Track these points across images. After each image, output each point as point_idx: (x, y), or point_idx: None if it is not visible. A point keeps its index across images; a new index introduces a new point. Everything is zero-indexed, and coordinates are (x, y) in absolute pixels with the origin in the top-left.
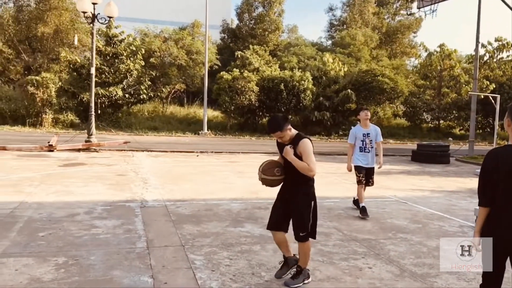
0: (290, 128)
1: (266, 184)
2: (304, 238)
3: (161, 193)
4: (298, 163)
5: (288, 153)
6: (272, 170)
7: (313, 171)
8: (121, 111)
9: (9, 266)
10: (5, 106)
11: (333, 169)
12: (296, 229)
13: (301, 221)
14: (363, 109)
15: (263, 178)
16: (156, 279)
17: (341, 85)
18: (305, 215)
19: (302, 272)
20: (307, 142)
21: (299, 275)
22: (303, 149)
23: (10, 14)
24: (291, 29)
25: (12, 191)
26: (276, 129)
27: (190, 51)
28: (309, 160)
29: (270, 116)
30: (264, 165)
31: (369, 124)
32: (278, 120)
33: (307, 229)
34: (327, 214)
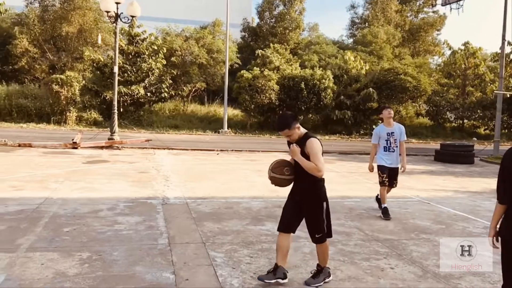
0: (299, 126)
1: (275, 183)
2: (321, 239)
3: (182, 190)
4: (306, 163)
5: (295, 152)
6: (282, 169)
7: (321, 171)
8: (143, 110)
9: (35, 261)
10: (31, 104)
11: (354, 168)
12: (312, 231)
13: (316, 223)
14: (385, 107)
15: (272, 176)
16: (177, 275)
17: (363, 83)
18: (319, 217)
19: (322, 271)
20: (314, 141)
21: (320, 274)
22: (310, 149)
23: (36, 14)
24: (312, 27)
25: (38, 187)
26: (285, 127)
27: (211, 50)
28: (317, 160)
29: (279, 114)
30: (274, 163)
31: (392, 123)
32: (287, 117)
33: (323, 231)
34: (348, 213)
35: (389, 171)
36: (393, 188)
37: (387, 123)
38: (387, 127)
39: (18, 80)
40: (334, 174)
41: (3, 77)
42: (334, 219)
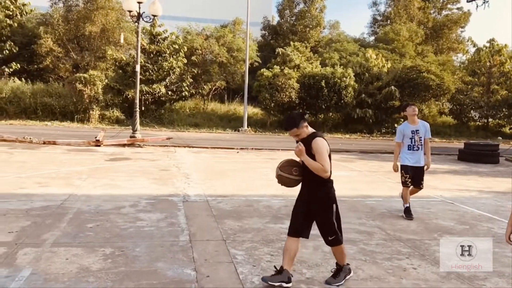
0: (307, 125)
1: (282, 182)
2: (335, 241)
3: (203, 188)
4: (311, 163)
5: (300, 152)
6: (290, 169)
7: (327, 172)
8: (164, 108)
9: (60, 255)
10: (55, 102)
11: (375, 167)
12: (324, 234)
13: (327, 226)
14: (409, 104)
15: (280, 174)
16: (198, 272)
17: (384, 81)
18: (329, 219)
19: (342, 269)
20: (320, 140)
21: (340, 273)
22: (316, 148)
23: (60, 14)
24: (333, 25)
25: (63, 183)
26: (293, 126)
27: (231, 48)
28: (323, 160)
29: (286, 114)
30: (283, 162)
31: (417, 120)
32: (294, 117)
33: (335, 233)
34: (369, 213)
35: (414, 171)
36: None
37: (411, 121)
38: (412, 125)
39: (43, 79)
40: (355, 173)
41: (28, 76)
42: (355, 218)
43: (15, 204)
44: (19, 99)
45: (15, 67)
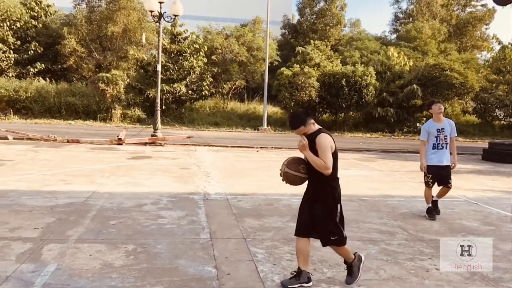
0: (314, 122)
1: (288, 179)
2: (336, 242)
3: (223, 186)
4: (314, 158)
5: (303, 147)
6: (298, 166)
7: (328, 169)
8: (184, 107)
9: (84, 251)
10: (78, 101)
11: (397, 166)
12: (326, 234)
13: (332, 226)
14: (435, 102)
15: (286, 171)
16: (219, 270)
17: (406, 80)
18: (334, 219)
19: (352, 265)
20: (324, 136)
21: (353, 269)
22: (319, 144)
23: (83, 14)
24: (354, 23)
25: (86, 181)
26: (300, 124)
27: (251, 47)
28: (324, 156)
29: (291, 113)
30: (290, 159)
31: (443, 119)
32: (300, 115)
33: (339, 233)
34: (391, 212)
35: (438, 170)
36: (440, 187)
37: (436, 119)
38: (437, 123)
39: (67, 78)
40: (377, 173)
41: (52, 76)
42: (376, 218)
43: (40, 201)
44: (43, 99)
45: (40, 67)
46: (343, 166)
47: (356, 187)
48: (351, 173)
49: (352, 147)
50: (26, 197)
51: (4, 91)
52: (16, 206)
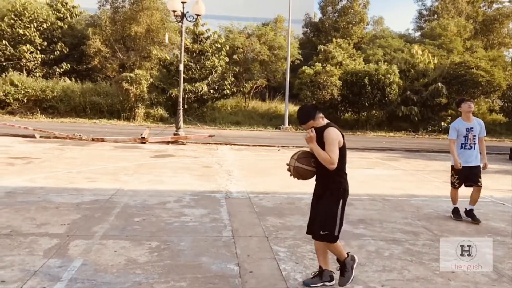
0: (323, 117)
1: (299, 173)
2: (326, 238)
3: (245, 185)
4: (319, 152)
5: (310, 139)
6: (309, 160)
7: (333, 164)
8: (206, 106)
9: (109, 248)
10: (103, 101)
11: (421, 166)
12: (318, 226)
13: (328, 219)
14: (465, 100)
15: (297, 166)
16: (241, 267)
17: (431, 78)
18: (332, 213)
19: (345, 263)
20: (332, 130)
21: (346, 268)
22: (327, 138)
23: (107, 15)
24: (377, 21)
25: (110, 179)
26: (309, 118)
27: (272, 46)
28: (330, 151)
29: (299, 107)
30: (300, 153)
31: (472, 118)
32: (309, 109)
33: (331, 229)
34: (415, 212)
35: (467, 171)
36: (468, 187)
37: (466, 118)
38: (466, 122)
39: (92, 78)
40: (400, 172)
41: (78, 75)
42: (400, 218)
43: (66, 198)
44: (69, 98)
45: (66, 67)
46: (366, 165)
47: (380, 187)
48: (375, 172)
49: (375, 146)
50: (53, 194)
51: (32, 91)
52: (43, 202)
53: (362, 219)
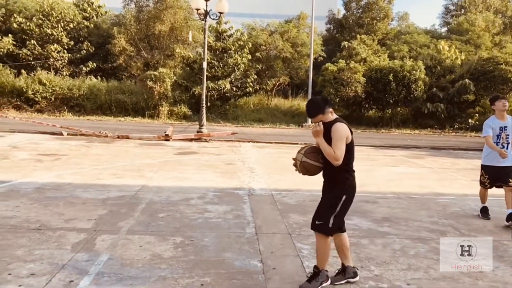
0: (332, 111)
1: (305, 168)
2: (320, 228)
3: (267, 182)
4: (325, 146)
5: (317, 133)
6: (317, 156)
7: (337, 160)
8: (229, 104)
9: (135, 242)
10: (128, 99)
11: (447, 164)
12: (315, 215)
13: (325, 210)
14: (499, 97)
15: (304, 161)
16: (265, 264)
17: (458, 74)
18: (331, 205)
19: (319, 274)
20: (341, 126)
21: (315, 278)
22: (334, 133)
23: (132, 14)
24: (402, 17)
25: (136, 175)
26: (318, 111)
27: (295, 43)
28: (336, 147)
29: (309, 100)
30: (308, 149)
31: (506, 116)
32: (318, 102)
33: (326, 220)
34: (442, 211)
35: (497, 171)
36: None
37: (500, 116)
38: (500, 120)
39: (117, 77)
40: (426, 170)
41: (103, 74)
42: (426, 216)
43: (93, 193)
44: (95, 96)
45: (92, 66)
46: (391, 163)
47: (405, 185)
48: (400, 170)
49: (400, 144)
50: (80, 190)
51: (59, 89)
52: (71, 198)
53: (387, 217)
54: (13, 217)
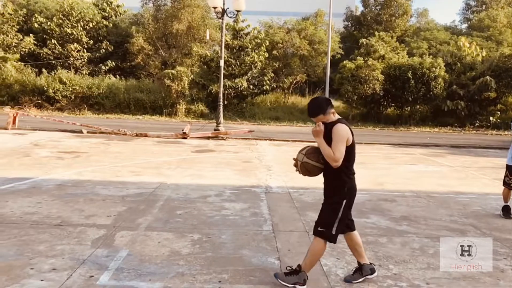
0: (334, 112)
1: (306, 169)
2: (321, 234)
3: (284, 180)
4: (324, 147)
5: (317, 133)
6: (318, 156)
7: (336, 162)
8: (246, 102)
9: (153, 239)
10: (146, 97)
11: (468, 162)
12: (318, 222)
13: (327, 216)
14: None
15: (305, 161)
16: (282, 262)
17: (479, 71)
18: (332, 211)
19: (299, 273)
20: (341, 127)
21: (293, 275)
22: (334, 135)
23: (150, 13)
24: (421, 13)
25: (154, 173)
26: (319, 112)
27: (312, 41)
28: (335, 148)
29: (311, 99)
30: (309, 149)
31: None
32: (320, 102)
33: (329, 227)
34: (462, 210)
35: None
36: None
37: None
38: None
39: (135, 75)
40: (446, 168)
41: (122, 73)
42: (446, 215)
43: (112, 190)
44: (114, 95)
45: (111, 65)
46: (410, 161)
47: (424, 183)
48: (419, 168)
49: (419, 142)
50: (99, 187)
51: (79, 88)
52: (91, 195)
53: (406, 216)
54: (35, 213)
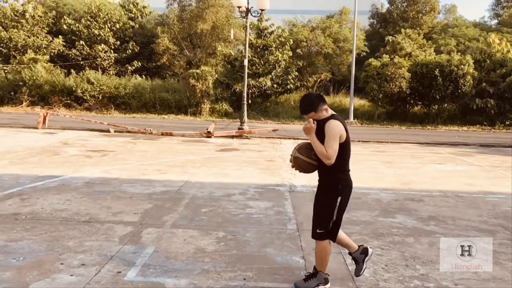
0: (327, 108)
1: (298, 165)
2: (321, 236)
3: (308, 179)
4: (316, 144)
5: (308, 130)
6: (309, 152)
7: (329, 159)
8: (270, 101)
9: (179, 236)
10: (171, 97)
11: (498, 162)
12: (315, 225)
13: (323, 217)
14: None
15: (296, 156)
16: (307, 260)
17: (509, 68)
18: (327, 210)
19: (316, 275)
20: (332, 123)
21: (312, 278)
22: (326, 131)
23: (175, 14)
24: (449, 9)
25: (179, 171)
26: (310, 109)
27: (337, 39)
28: (328, 145)
29: (303, 96)
30: (302, 144)
31: None
32: (312, 99)
33: (326, 228)
34: (491, 210)
35: None
36: None
37: None
38: None
39: (160, 75)
40: (475, 168)
41: (148, 73)
42: (475, 215)
43: (139, 188)
44: (140, 95)
45: (137, 65)
46: (438, 160)
47: (452, 183)
48: (447, 168)
49: (447, 141)
50: (126, 184)
51: (106, 88)
52: (118, 192)
53: (433, 216)
54: (65, 210)
